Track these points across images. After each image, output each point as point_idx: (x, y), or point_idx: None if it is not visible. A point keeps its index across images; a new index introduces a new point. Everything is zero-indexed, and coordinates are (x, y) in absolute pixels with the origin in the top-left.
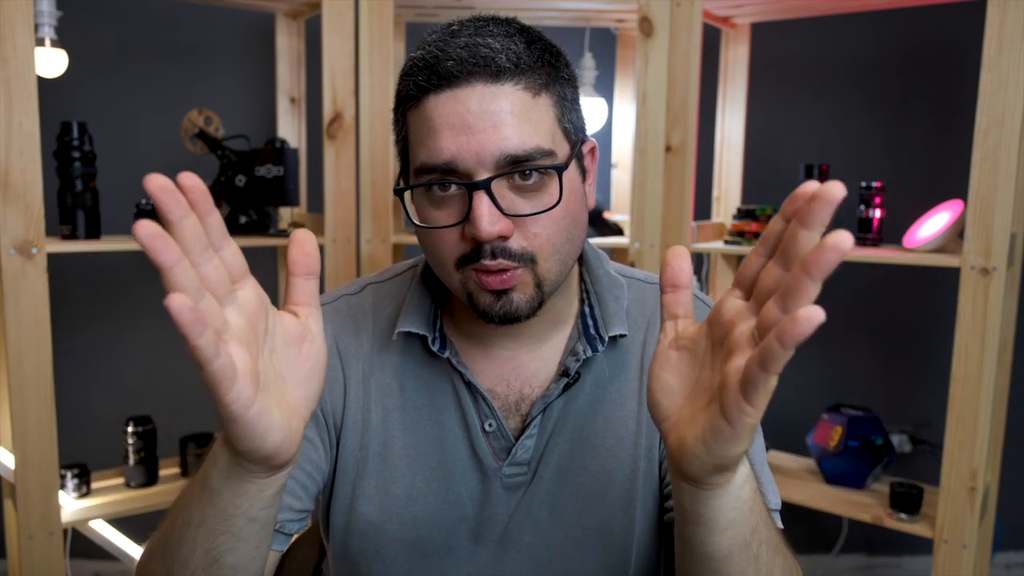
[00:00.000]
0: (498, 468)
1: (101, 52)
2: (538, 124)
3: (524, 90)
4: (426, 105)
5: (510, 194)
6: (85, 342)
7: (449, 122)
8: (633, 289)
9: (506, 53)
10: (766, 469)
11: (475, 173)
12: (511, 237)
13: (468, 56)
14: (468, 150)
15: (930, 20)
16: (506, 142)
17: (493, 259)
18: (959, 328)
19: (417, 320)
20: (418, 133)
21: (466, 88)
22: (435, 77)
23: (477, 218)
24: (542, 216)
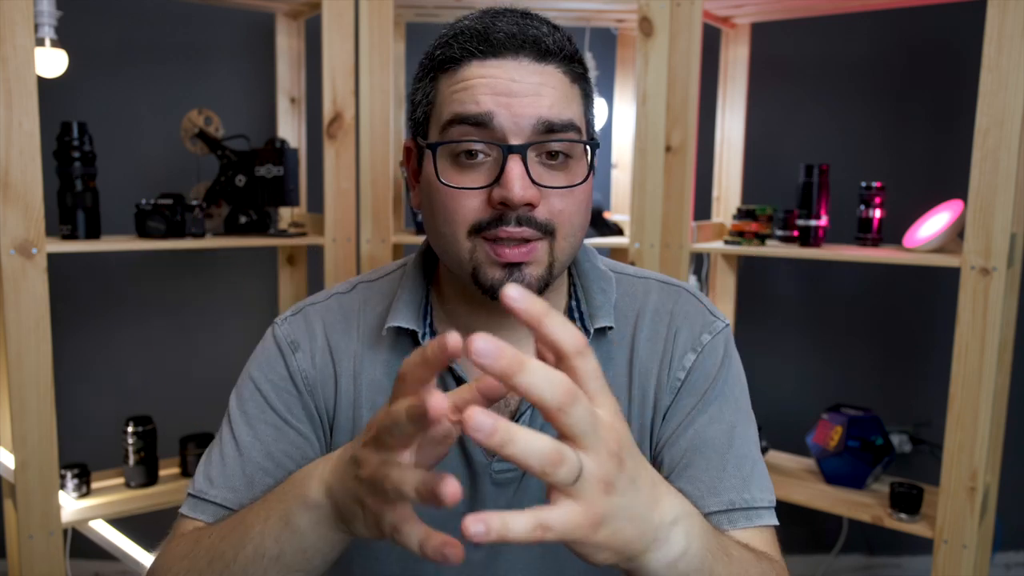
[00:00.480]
0: (488, 464)
1: (101, 52)
2: (572, 103)
3: (564, 74)
4: (468, 68)
5: (538, 166)
6: (85, 342)
7: (491, 84)
8: (622, 284)
9: (552, 37)
10: (759, 465)
11: (510, 137)
12: (538, 207)
13: (519, 32)
14: (506, 111)
15: (930, 20)
16: (545, 109)
17: (518, 226)
18: (959, 328)
19: (407, 315)
20: (451, 92)
21: (512, 61)
22: (484, 44)
23: (511, 180)
24: (566, 192)
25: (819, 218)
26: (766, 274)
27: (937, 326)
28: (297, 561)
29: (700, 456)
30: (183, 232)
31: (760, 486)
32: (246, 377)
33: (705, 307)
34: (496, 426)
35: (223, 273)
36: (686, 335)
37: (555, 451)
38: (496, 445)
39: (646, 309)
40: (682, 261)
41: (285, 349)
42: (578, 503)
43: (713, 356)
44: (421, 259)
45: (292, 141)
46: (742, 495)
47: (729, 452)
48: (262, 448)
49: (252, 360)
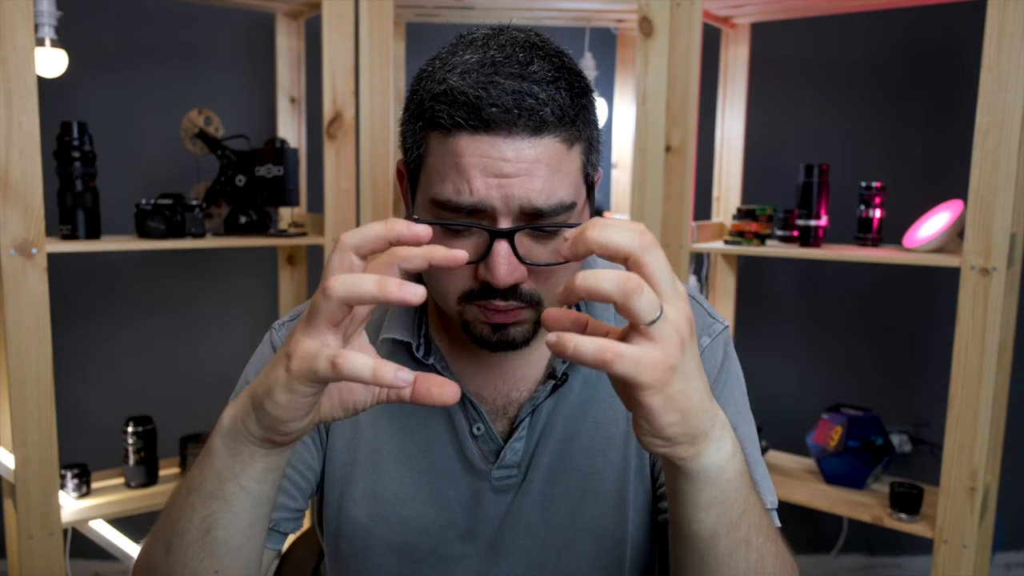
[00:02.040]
0: (487, 471)
1: (101, 52)
2: (566, 176)
3: (561, 142)
4: (457, 141)
5: (527, 240)
6: (85, 342)
7: (481, 164)
8: None
9: (551, 106)
10: (761, 467)
11: (500, 218)
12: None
13: (513, 106)
14: (497, 195)
15: (930, 20)
16: (535, 194)
17: (504, 300)
18: (959, 328)
19: (401, 327)
20: (442, 165)
21: (506, 138)
22: (475, 119)
23: (496, 266)
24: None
25: (819, 218)
26: (766, 274)
27: (937, 326)
28: (214, 487)
29: None
30: (183, 232)
31: (763, 487)
32: (244, 381)
33: (704, 309)
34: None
35: (223, 273)
36: None
37: (634, 280)
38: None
39: None
40: (682, 261)
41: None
42: (655, 345)
43: (712, 359)
44: None
45: (292, 141)
46: None
47: None
48: None
49: (250, 365)
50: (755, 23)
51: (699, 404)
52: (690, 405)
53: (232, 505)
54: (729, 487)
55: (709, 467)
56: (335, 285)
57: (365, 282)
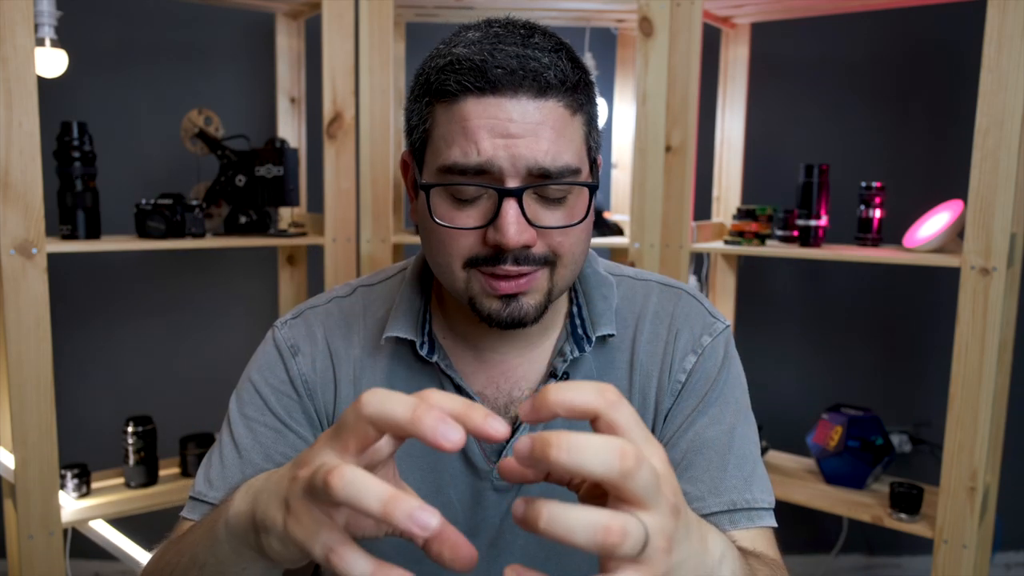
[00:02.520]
0: (489, 470)
1: (101, 52)
2: (571, 142)
3: (565, 108)
4: (464, 105)
5: (535, 205)
6: (85, 342)
7: (488, 126)
8: (623, 287)
9: (554, 70)
10: (759, 467)
11: (507, 179)
12: (534, 245)
13: (518, 67)
14: (505, 155)
15: (930, 20)
16: (542, 154)
17: (515, 265)
18: (959, 328)
19: (405, 325)
20: (449, 131)
21: (511, 99)
22: (481, 81)
23: (505, 225)
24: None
25: (819, 218)
26: (766, 274)
27: (937, 326)
28: (218, 571)
29: (701, 457)
30: (183, 232)
31: (761, 487)
32: (246, 380)
33: (705, 309)
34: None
35: (223, 273)
36: (686, 337)
37: (616, 523)
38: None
39: (646, 312)
40: (682, 261)
41: (285, 353)
42: (641, 569)
43: (713, 358)
44: (419, 266)
45: (292, 141)
46: (743, 495)
47: (729, 453)
48: (262, 451)
49: (252, 363)
50: (755, 23)
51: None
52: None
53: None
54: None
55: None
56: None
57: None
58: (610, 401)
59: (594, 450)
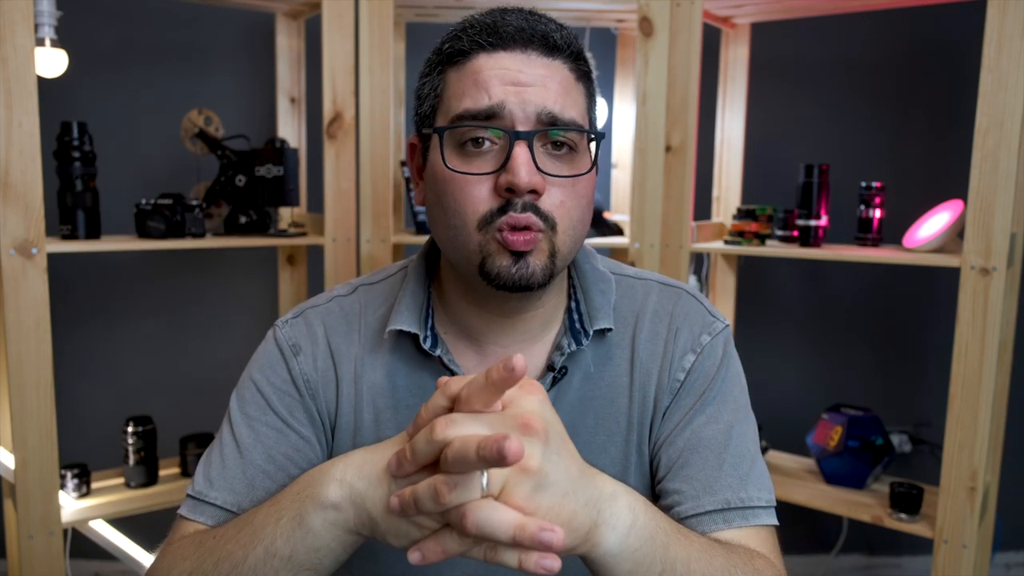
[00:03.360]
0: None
1: (101, 52)
2: (576, 101)
3: (569, 70)
4: (476, 61)
5: (544, 156)
6: (85, 342)
7: (500, 75)
8: (623, 285)
9: (560, 34)
10: (758, 465)
11: (518, 124)
12: (542, 196)
13: (527, 27)
14: (516, 99)
15: (930, 20)
16: (551, 101)
17: (523, 212)
18: (959, 328)
19: (408, 318)
20: (460, 86)
21: (521, 53)
22: (493, 37)
23: (517, 165)
24: (569, 184)
25: (819, 218)
26: (766, 274)
27: (937, 326)
28: (309, 560)
29: (696, 455)
30: (183, 232)
31: (758, 486)
32: (247, 379)
33: (705, 308)
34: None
35: (223, 273)
36: (686, 336)
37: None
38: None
39: (646, 310)
40: (682, 261)
41: (287, 352)
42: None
43: (712, 357)
44: (423, 261)
45: (292, 141)
46: (738, 494)
47: (726, 452)
48: (263, 450)
49: (253, 362)
50: (755, 23)
51: (574, 506)
52: (565, 514)
53: (326, 571)
54: (639, 554)
55: (611, 548)
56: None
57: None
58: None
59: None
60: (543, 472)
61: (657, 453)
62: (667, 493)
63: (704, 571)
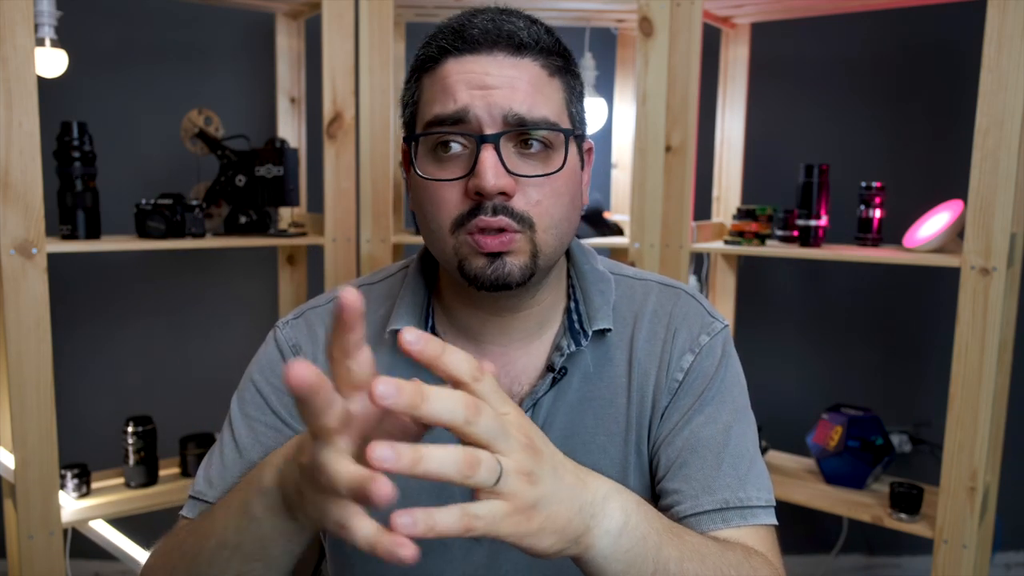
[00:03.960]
0: None
1: (101, 52)
2: (549, 99)
3: (541, 68)
4: (445, 66)
5: (515, 157)
6: (85, 342)
7: (466, 79)
8: (621, 285)
9: (528, 31)
10: (757, 465)
11: (485, 127)
12: (513, 197)
13: (493, 28)
14: (481, 103)
15: (930, 20)
16: (518, 103)
17: (494, 215)
18: (959, 328)
19: (409, 318)
20: (432, 92)
21: (487, 56)
22: (459, 41)
23: (483, 170)
24: (544, 183)
25: (819, 218)
26: (766, 274)
27: (937, 326)
28: (255, 550)
29: (695, 455)
30: (183, 232)
31: (757, 485)
32: (248, 380)
33: (704, 308)
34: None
35: (223, 273)
36: (684, 336)
37: (469, 456)
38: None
39: (645, 310)
40: (682, 261)
41: (287, 352)
42: (505, 499)
43: (711, 357)
44: (422, 261)
45: (292, 141)
46: (737, 494)
47: (724, 451)
48: (263, 450)
49: (254, 363)
50: (755, 23)
51: (569, 512)
52: (560, 521)
53: (273, 565)
54: (630, 555)
55: (603, 550)
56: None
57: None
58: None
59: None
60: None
61: (656, 453)
62: (666, 493)
63: (697, 570)
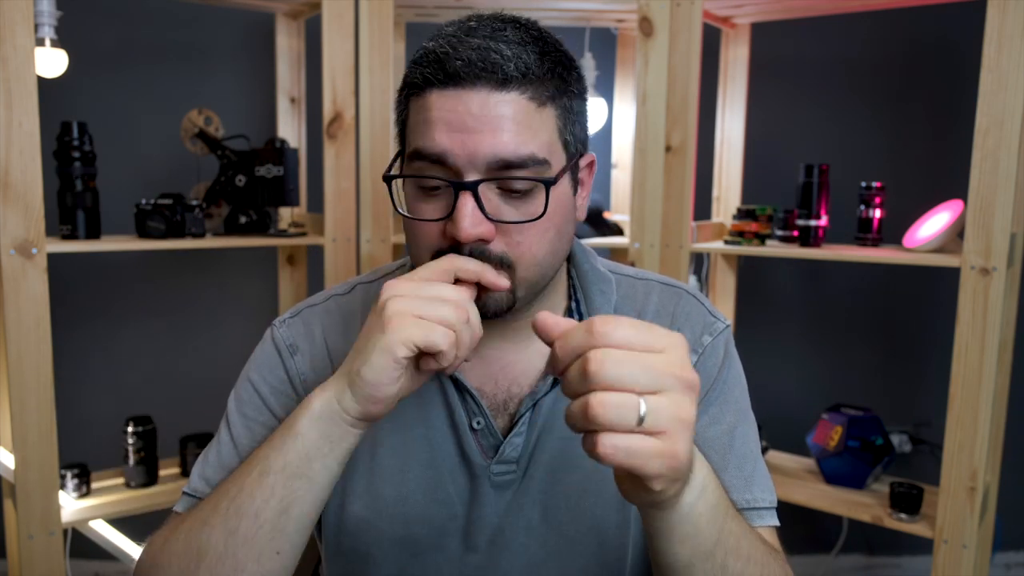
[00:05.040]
0: (486, 466)
1: (101, 52)
2: (537, 133)
3: (529, 100)
4: (428, 97)
5: (496, 199)
6: (85, 342)
7: (447, 119)
8: (623, 286)
9: (515, 62)
10: (760, 466)
11: (465, 173)
12: (492, 241)
13: (477, 59)
14: (462, 149)
15: (930, 20)
16: (501, 146)
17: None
18: (959, 328)
19: None
20: (416, 121)
21: (470, 91)
22: (441, 73)
23: (459, 219)
24: (525, 226)
25: (819, 218)
26: (766, 274)
27: (937, 326)
28: (301, 466)
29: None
30: (183, 232)
31: (762, 486)
32: (245, 379)
33: (706, 308)
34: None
35: (223, 273)
36: (687, 336)
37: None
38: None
39: (647, 310)
40: (682, 261)
41: (284, 352)
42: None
43: (714, 357)
44: None
45: (292, 141)
46: (744, 495)
47: (730, 452)
48: None
49: (251, 362)
50: (755, 23)
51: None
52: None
53: (316, 483)
54: (701, 520)
55: (682, 506)
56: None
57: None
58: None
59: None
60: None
61: None
62: None
63: (749, 552)
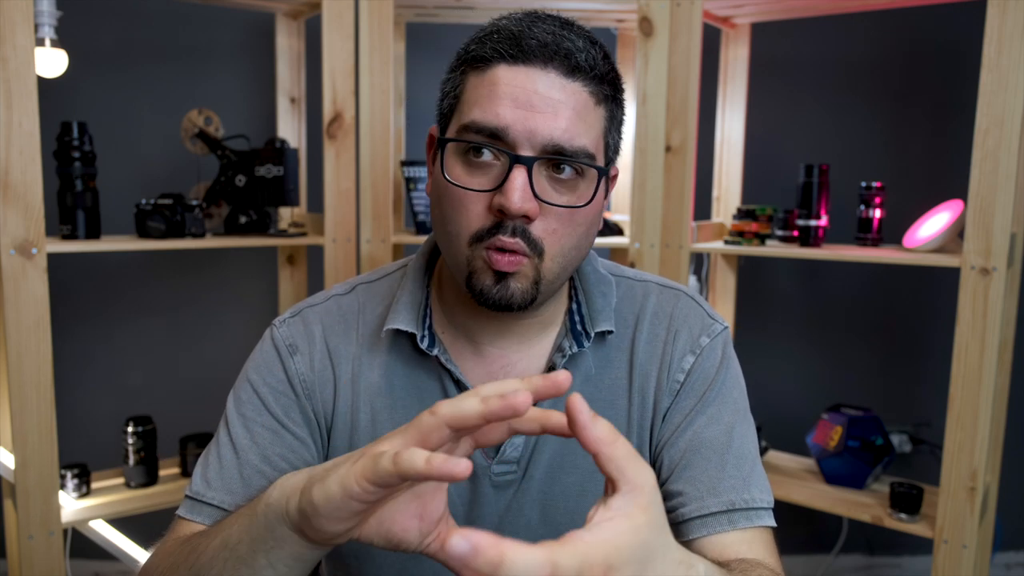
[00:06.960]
0: (487, 466)
1: (101, 52)
2: (590, 128)
3: (590, 94)
4: (495, 71)
5: (544, 182)
6: (85, 342)
7: (513, 94)
8: (622, 287)
9: (585, 54)
10: (758, 466)
11: (521, 148)
12: (534, 221)
13: (552, 42)
14: (523, 124)
15: (930, 20)
16: (559, 132)
17: (513, 236)
18: (959, 328)
19: (407, 318)
20: (476, 94)
21: (540, 71)
22: (515, 48)
23: (511, 190)
24: (567, 213)
25: (819, 218)
26: (766, 274)
27: (937, 326)
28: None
29: (699, 457)
30: (183, 232)
31: (759, 487)
32: (244, 379)
33: (704, 310)
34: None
35: (223, 273)
36: (685, 338)
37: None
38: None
39: (645, 312)
40: (682, 261)
41: (283, 352)
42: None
43: (712, 358)
44: (423, 260)
45: (292, 141)
46: (742, 495)
47: (728, 452)
48: (259, 451)
49: (250, 362)
50: (755, 23)
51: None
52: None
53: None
54: None
55: None
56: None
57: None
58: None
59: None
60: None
61: (659, 455)
62: (670, 495)
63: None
